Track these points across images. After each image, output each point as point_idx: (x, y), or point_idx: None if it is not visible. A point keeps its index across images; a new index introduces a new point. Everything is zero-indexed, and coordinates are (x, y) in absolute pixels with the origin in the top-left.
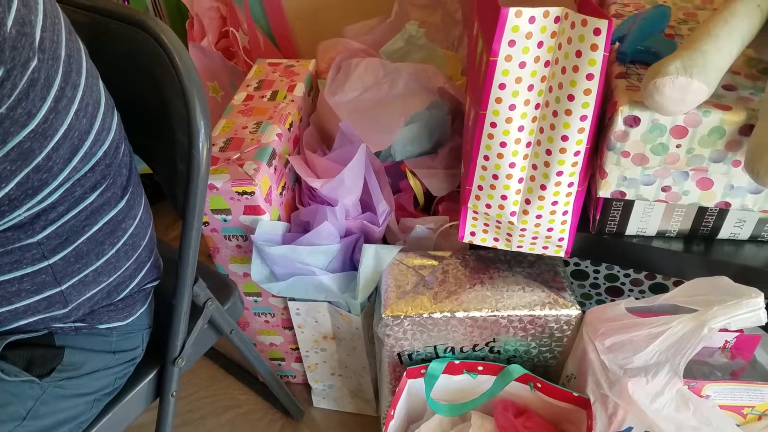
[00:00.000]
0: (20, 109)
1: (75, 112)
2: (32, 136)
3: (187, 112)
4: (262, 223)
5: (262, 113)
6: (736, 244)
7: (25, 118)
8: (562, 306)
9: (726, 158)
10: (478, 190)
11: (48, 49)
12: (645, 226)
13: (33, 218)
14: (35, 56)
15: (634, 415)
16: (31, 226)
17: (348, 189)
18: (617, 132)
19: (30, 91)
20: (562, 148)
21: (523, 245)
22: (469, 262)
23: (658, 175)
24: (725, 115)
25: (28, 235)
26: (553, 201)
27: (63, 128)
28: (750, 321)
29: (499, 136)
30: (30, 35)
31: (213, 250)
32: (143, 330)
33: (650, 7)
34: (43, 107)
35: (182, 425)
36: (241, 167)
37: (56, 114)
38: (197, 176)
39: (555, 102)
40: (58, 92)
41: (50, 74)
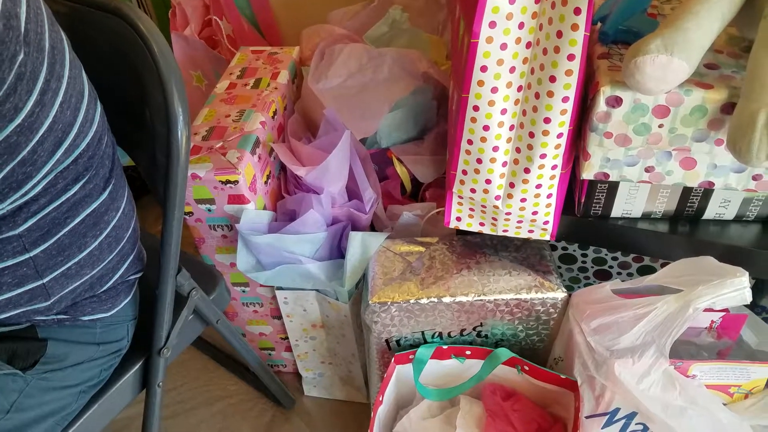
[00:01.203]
0: (8, 104)
1: (60, 104)
2: (19, 130)
3: (165, 100)
4: (246, 213)
5: (245, 101)
6: (721, 224)
7: (12, 113)
8: (548, 289)
9: (709, 137)
10: (463, 175)
11: (33, 41)
12: (630, 208)
13: (15, 211)
14: (21, 50)
15: (621, 395)
16: (12, 219)
17: (333, 176)
18: (599, 113)
19: (17, 85)
20: (544, 130)
21: (509, 229)
22: (456, 247)
23: (641, 156)
24: (707, 93)
25: (9, 228)
26: (537, 184)
27: (48, 121)
28: (735, 300)
29: (481, 120)
30: (16, 28)
31: (198, 240)
32: (128, 321)
33: None
34: (30, 101)
35: (172, 416)
36: (224, 156)
37: (42, 107)
38: (176, 165)
39: (537, 84)
40: (44, 85)
41: (36, 67)
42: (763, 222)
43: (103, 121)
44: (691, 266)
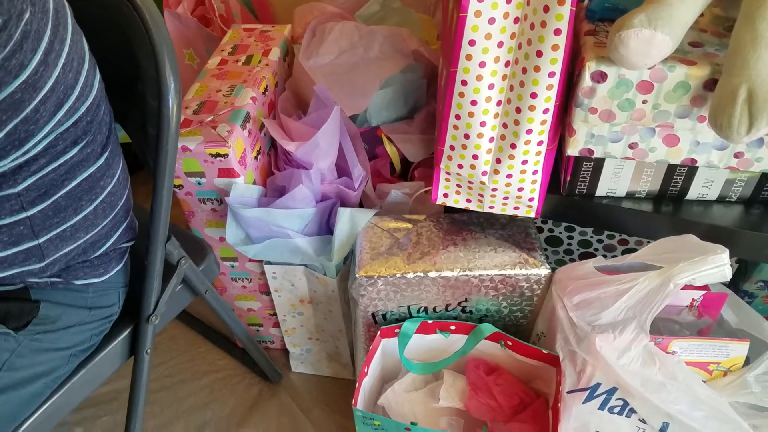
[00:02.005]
0: (14, 60)
1: (62, 66)
2: (23, 87)
3: (157, 72)
4: (236, 186)
5: (237, 77)
6: (704, 204)
7: (17, 69)
8: (532, 265)
9: (691, 114)
10: (450, 151)
11: (38, 2)
12: (615, 187)
13: (15, 169)
14: (28, 8)
15: (602, 370)
16: (12, 177)
17: (323, 152)
18: (585, 88)
19: (23, 43)
20: (531, 105)
21: (495, 206)
22: (443, 224)
23: (626, 132)
24: (690, 69)
25: (9, 185)
26: (523, 160)
27: (51, 81)
28: (715, 277)
29: (469, 95)
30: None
31: (188, 214)
32: (119, 288)
33: None
34: (34, 59)
35: (160, 390)
36: (215, 129)
37: (45, 67)
38: (167, 133)
39: (524, 59)
40: (48, 45)
41: (41, 27)
42: (745, 203)
43: (101, 88)
44: (674, 244)
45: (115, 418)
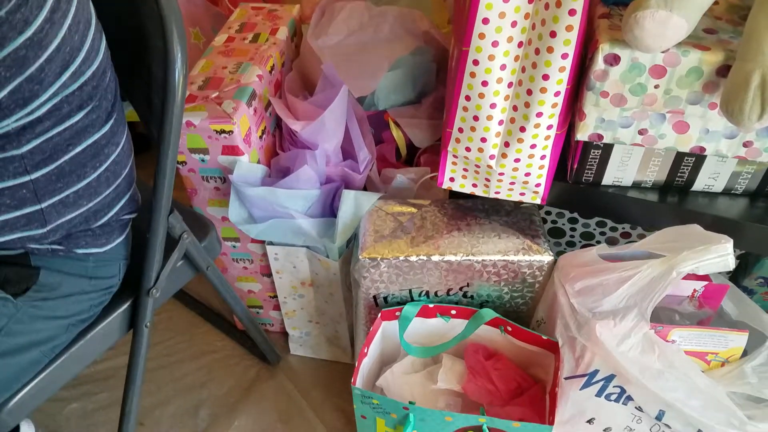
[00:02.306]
0: (18, 15)
1: (68, 27)
2: (28, 44)
3: (164, 39)
4: (240, 164)
5: (243, 54)
6: (710, 196)
7: (22, 25)
8: (535, 252)
9: (703, 100)
10: (459, 133)
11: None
12: (621, 176)
13: (20, 130)
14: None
15: (601, 357)
16: (17, 138)
17: (329, 133)
18: (597, 71)
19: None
20: (542, 87)
21: (501, 191)
22: (448, 210)
23: (636, 117)
24: (704, 55)
25: (13, 146)
26: (532, 144)
27: (57, 41)
28: (718, 266)
29: (481, 75)
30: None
31: (191, 191)
32: (120, 260)
33: None
34: (40, 16)
35: (157, 368)
36: (220, 105)
37: (51, 25)
38: (172, 104)
39: (537, 39)
40: (54, 3)
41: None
42: (751, 195)
43: (107, 55)
44: (678, 233)
45: (111, 395)
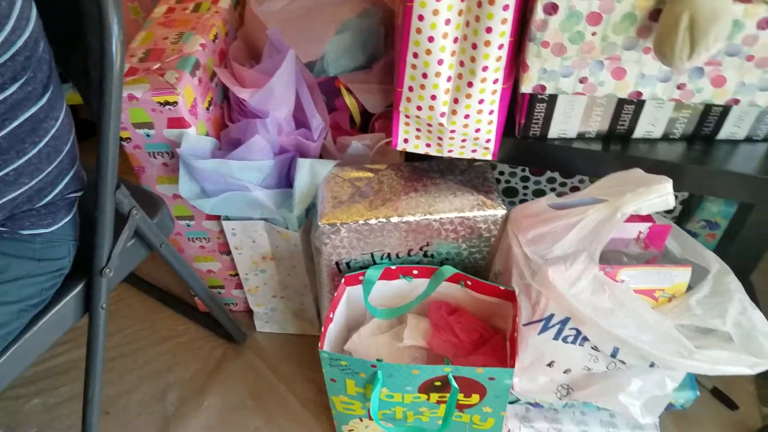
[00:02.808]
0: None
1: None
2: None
3: (99, 8)
4: (187, 137)
5: (184, 24)
6: (650, 142)
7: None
8: (489, 207)
9: (637, 45)
10: (409, 92)
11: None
12: (566, 128)
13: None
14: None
15: (555, 301)
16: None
17: (279, 100)
18: (537, 21)
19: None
20: (486, 41)
21: (453, 149)
22: (404, 172)
23: (576, 66)
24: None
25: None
26: (480, 99)
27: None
28: (659, 205)
29: (426, 30)
30: None
31: (138, 170)
32: (69, 241)
33: None
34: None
35: (119, 357)
36: (162, 76)
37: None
38: (111, 73)
39: None
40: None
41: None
42: (688, 139)
43: (39, 24)
44: (621, 178)
45: (73, 388)
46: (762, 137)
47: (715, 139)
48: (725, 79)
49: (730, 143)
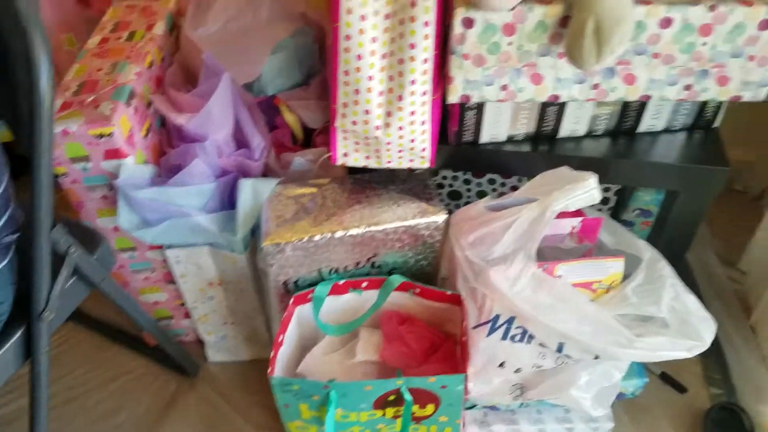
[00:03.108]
0: None
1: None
2: None
3: (26, 45)
4: (125, 167)
5: (119, 54)
6: (576, 140)
7: None
8: (430, 213)
9: (551, 51)
10: (344, 108)
11: None
12: (496, 132)
13: None
14: None
15: (499, 301)
16: None
17: (217, 123)
18: (456, 35)
19: None
20: (411, 56)
21: (392, 160)
22: (347, 185)
23: (496, 75)
24: (546, 9)
25: None
26: (411, 111)
27: None
28: (586, 200)
29: (354, 49)
30: None
31: (77, 205)
32: (7, 285)
33: None
34: None
35: (66, 402)
36: (97, 108)
37: None
38: (41, 110)
39: (401, 10)
40: None
41: None
42: (611, 134)
43: None
44: (550, 177)
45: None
46: (679, 127)
47: (636, 132)
48: (635, 77)
49: (651, 135)
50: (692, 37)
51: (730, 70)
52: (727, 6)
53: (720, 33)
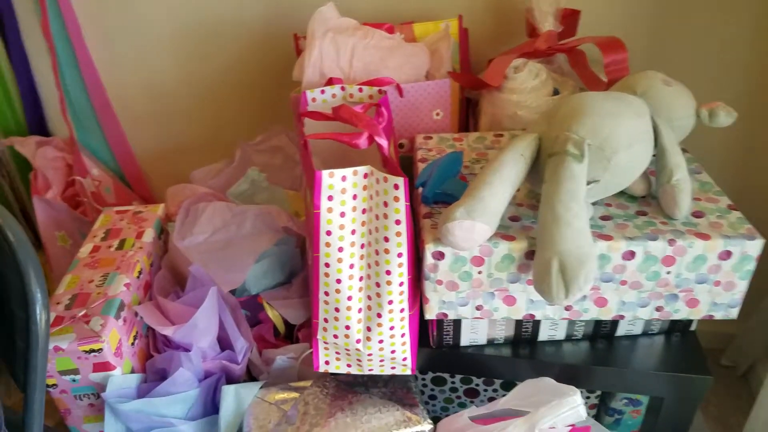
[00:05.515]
0: None
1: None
2: None
3: (22, 286)
4: (113, 379)
5: (109, 264)
6: (555, 344)
7: None
8: (415, 423)
9: (521, 278)
10: (324, 323)
11: None
12: (476, 337)
13: None
14: None
15: None
16: None
17: (202, 332)
18: (429, 265)
19: None
20: (388, 280)
21: (374, 368)
22: (329, 389)
23: (470, 297)
24: (511, 244)
25: None
26: (390, 326)
27: None
28: (572, 418)
29: (334, 274)
30: None
31: (64, 412)
32: None
33: (446, 153)
34: None
35: None
36: (87, 324)
37: None
38: (36, 351)
39: (375, 242)
40: None
41: None
42: (590, 338)
43: None
44: (534, 387)
45: None
46: (657, 330)
47: (615, 335)
48: (606, 300)
49: (629, 338)
50: (656, 267)
51: (699, 294)
52: (686, 240)
53: (682, 263)
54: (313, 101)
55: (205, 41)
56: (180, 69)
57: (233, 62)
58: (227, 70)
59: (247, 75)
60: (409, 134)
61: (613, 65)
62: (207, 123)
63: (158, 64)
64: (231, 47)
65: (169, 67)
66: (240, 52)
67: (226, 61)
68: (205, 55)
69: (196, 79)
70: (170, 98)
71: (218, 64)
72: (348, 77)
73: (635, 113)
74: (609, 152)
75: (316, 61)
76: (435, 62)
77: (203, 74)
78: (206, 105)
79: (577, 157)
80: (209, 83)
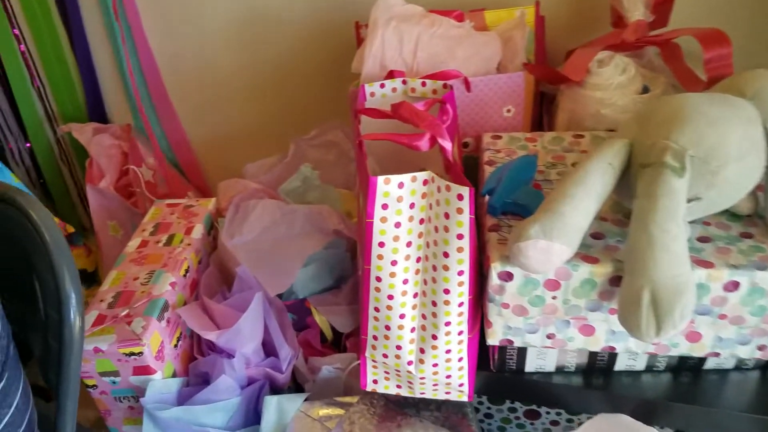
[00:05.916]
0: None
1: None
2: None
3: (57, 287)
4: (152, 384)
5: (156, 261)
6: (633, 375)
7: None
8: None
9: (602, 307)
10: (374, 340)
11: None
12: (543, 363)
13: None
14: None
15: None
16: None
17: (246, 338)
18: (494, 286)
19: None
20: (445, 300)
21: (426, 392)
22: (377, 408)
23: (541, 324)
24: (594, 267)
25: None
26: (447, 349)
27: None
28: None
29: (385, 290)
30: None
31: (104, 413)
32: None
33: (518, 156)
34: None
35: None
36: (129, 325)
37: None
38: (70, 354)
39: (433, 257)
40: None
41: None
42: (673, 371)
43: None
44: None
45: None
46: (751, 366)
47: (702, 368)
48: (701, 335)
49: (718, 372)
50: (763, 301)
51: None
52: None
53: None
54: (371, 96)
55: (263, 29)
56: (236, 57)
57: (291, 52)
58: (285, 59)
59: (305, 65)
60: (475, 132)
61: (715, 61)
62: (262, 114)
63: (214, 52)
64: (289, 36)
65: (225, 56)
66: (298, 41)
67: (283, 51)
68: (262, 44)
69: (252, 69)
70: (226, 88)
71: (275, 54)
72: (411, 69)
73: (746, 119)
74: (715, 165)
75: (377, 52)
76: (508, 53)
77: (260, 63)
78: (262, 96)
79: (677, 171)
80: (265, 73)
